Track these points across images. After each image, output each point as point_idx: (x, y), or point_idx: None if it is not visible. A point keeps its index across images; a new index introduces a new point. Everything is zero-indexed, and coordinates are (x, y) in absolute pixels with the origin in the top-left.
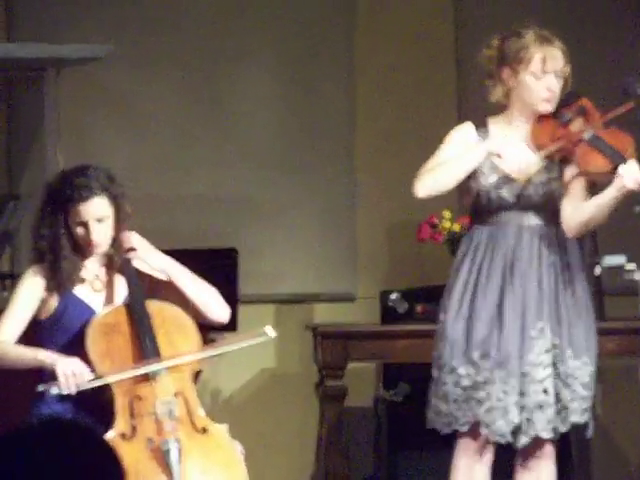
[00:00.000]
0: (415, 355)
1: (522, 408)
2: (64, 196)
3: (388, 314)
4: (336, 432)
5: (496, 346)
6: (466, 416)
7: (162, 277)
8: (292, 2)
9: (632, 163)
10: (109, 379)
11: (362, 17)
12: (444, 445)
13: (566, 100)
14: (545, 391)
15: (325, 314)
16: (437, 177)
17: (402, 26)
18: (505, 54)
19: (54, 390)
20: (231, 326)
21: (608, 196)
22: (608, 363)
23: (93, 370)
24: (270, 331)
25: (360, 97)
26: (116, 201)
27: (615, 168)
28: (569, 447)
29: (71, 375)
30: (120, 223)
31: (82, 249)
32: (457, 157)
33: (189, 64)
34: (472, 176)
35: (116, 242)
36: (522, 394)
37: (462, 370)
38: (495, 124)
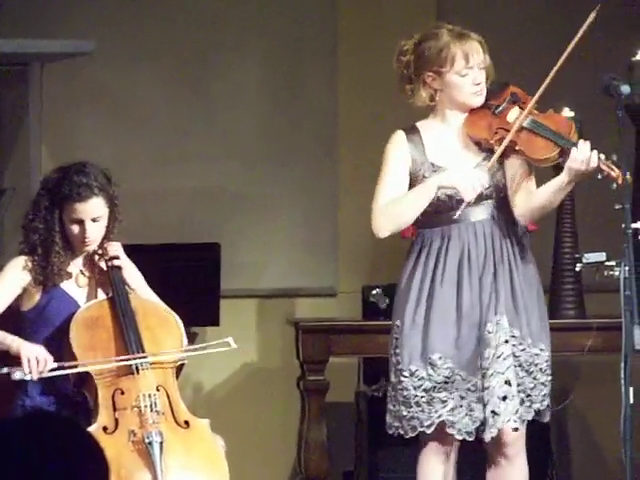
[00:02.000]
0: None
1: (486, 402)
2: (62, 193)
3: (370, 309)
4: (317, 427)
5: (454, 345)
6: (430, 418)
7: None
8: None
9: (581, 144)
10: (73, 368)
11: (346, 14)
12: None
13: (494, 90)
14: (507, 382)
15: (307, 309)
16: (395, 220)
17: (386, 22)
18: (425, 58)
19: (18, 374)
20: (213, 320)
21: (561, 181)
22: (589, 360)
23: (76, 361)
24: (232, 343)
25: (343, 93)
26: (112, 201)
27: (562, 151)
28: (549, 444)
29: (34, 361)
30: (112, 223)
31: (71, 245)
32: (409, 197)
33: (174, 59)
34: (416, 185)
35: (104, 241)
36: (485, 388)
37: (422, 372)
38: (426, 127)
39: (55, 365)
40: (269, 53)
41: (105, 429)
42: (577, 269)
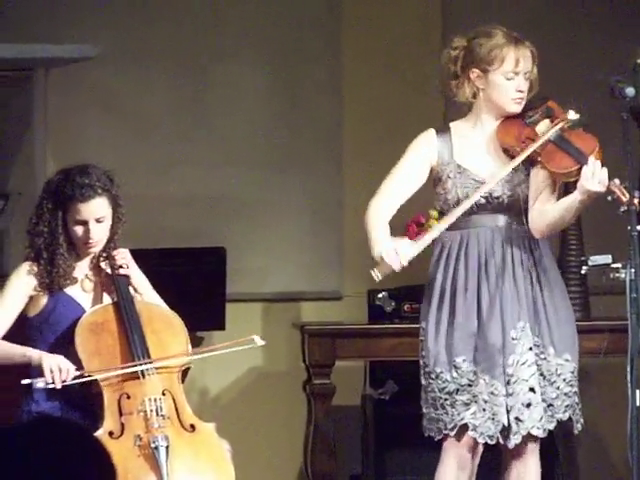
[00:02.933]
0: (402, 354)
1: (510, 409)
2: (65, 194)
3: (375, 313)
4: (324, 430)
5: (478, 350)
6: (453, 420)
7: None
8: (279, 2)
9: (593, 164)
10: (94, 376)
11: (348, 17)
12: (431, 444)
13: (533, 102)
14: (532, 389)
15: (313, 313)
16: (366, 222)
17: (389, 28)
18: (475, 54)
19: (40, 384)
20: (219, 325)
21: (573, 199)
22: (594, 362)
23: (82, 367)
24: (258, 340)
25: (347, 96)
26: (115, 202)
27: (580, 169)
28: (555, 444)
29: (57, 370)
30: (116, 224)
31: (76, 249)
32: (372, 235)
33: (177, 64)
34: (439, 184)
35: (109, 243)
36: (509, 395)
37: (446, 375)
38: (457, 128)
39: (78, 373)
40: (273, 59)
41: (111, 434)
42: (583, 272)
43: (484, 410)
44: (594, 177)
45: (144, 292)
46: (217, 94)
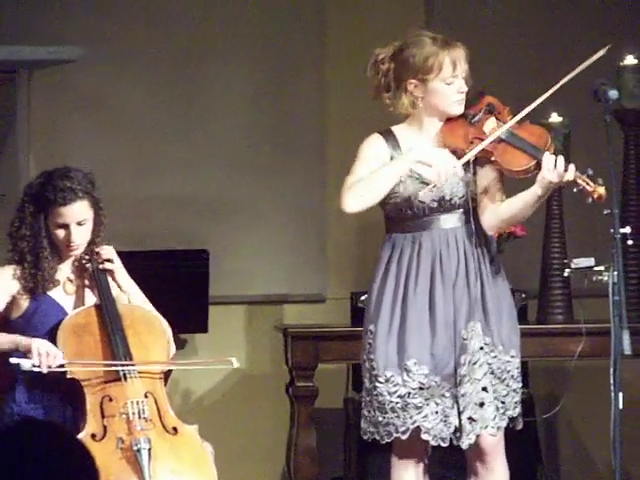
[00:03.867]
0: None
1: (463, 409)
2: (46, 198)
3: (358, 315)
4: (306, 433)
5: (430, 352)
6: (405, 424)
7: (123, 300)
8: (263, 4)
9: (549, 156)
10: (80, 368)
11: (333, 23)
12: None
13: (469, 99)
14: (484, 389)
15: (295, 315)
16: (364, 193)
17: (373, 33)
18: (409, 65)
19: (27, 365)
20: (202, 327)
21: (532, 193)
22: (578, 365)
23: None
24: (235, 362)
25: (331, 99)
26: (96, 204)
27: (538, 164)
28: (538, 447)
29: (44, 354)
30: (97, 227)
31: (58, 251)
32: (382, 170)
33: (161, 66)
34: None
35: (90, 245)
36: (461, 395)
37: (397, 378)
38: (402, 133)
39: (65, 362)
40: (257, 61)
41: (93, 436)
42: (566, 274)
43: (436, 413)
44: (555, 169)
45: (128, 290)
46: (202, 97)
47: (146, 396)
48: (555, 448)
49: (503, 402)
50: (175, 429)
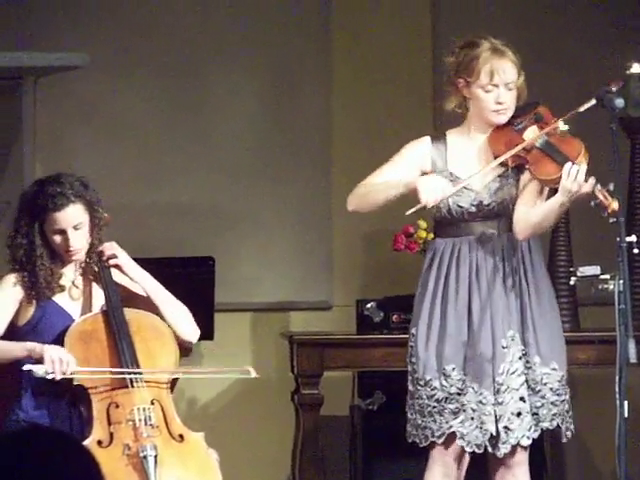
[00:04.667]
0: (391, 364)
1: (499, 418)
2: (40, 205)
3: (364, 323)
4: (312, 440)
5: (468, 358)
6: (441, 428)
7: (138, 290)
8: (269, 10)
9: (570, 165)
10: (93, 376)
11: (340, 29)
12: (419, 454)
13: (524, 108)
14: (522, 399)
15: (301, 322)
16: (362, 198)
17: (380, 39)
18: (459, 63)
19: (40, 371)
20: (208, 334)
21: (555, 201)
22: (583, 373)
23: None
24: (253, 372)
25: (337, 107)
26: (91, 207)
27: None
28: (543, 455)
29: (57, 361)
30: (95, 228)
31: (60, 257)
32: (385, 184)
33: (166, 73)
34: None
35: (92, 248)
36: (499, 404)
37: (435, 382)
38: (453, 136)
39: (77, 368)
40: (261, 68)
41: (100, 443)
42: (572, 282)
43: (472, 419)
44: (575, 180)
45: (140, 280)
46: (207, 105)
47: (152, 403)
48: (560, 455)
49: (536, 414)
50: (181, 436)
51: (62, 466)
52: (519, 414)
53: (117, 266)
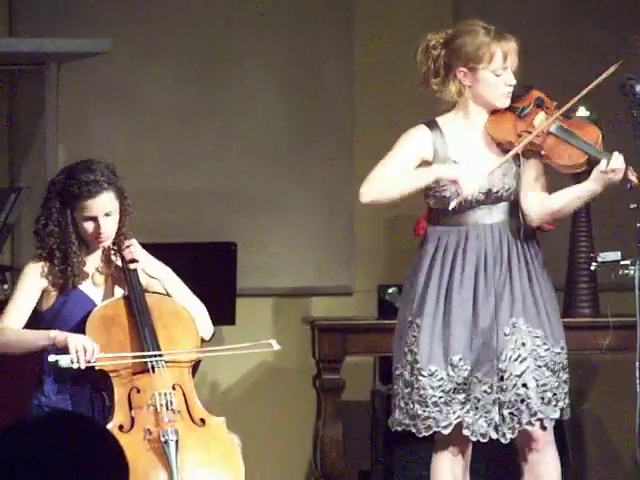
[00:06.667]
0: None
1: (503, 404)
2: (72, 193)
3: (385, 308)
4: (333, 425)
5: (472, 347)
6: (448, 418)
7: (157, 288)
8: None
9: (616, 155)
10: (115, 362)
11: (362, 17)
12: None
13: (517, 92)
14: (524, 385)
15: (323, 308)
16: (383, 190)
17: (402, 27)
18: (460, 53)
19: (65, 361)
20: (229, 319)
21: (585, 189)
22: (603, 358)
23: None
24: (275, 344)
25: (359, 92)
26: (121, 194)
27: (588, 160)
28: (564, 441)
29: (82, 350)
30: (124, 216)
31: (86, 244)
32: (407, 178)
33: (190, 58)
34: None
35: (119, 236)
36: (502, 390)
37: (442, 373)
38: (447, 124)
39: (101, 355)
40: (286, 53)
41: (121, 428)
42: (592, 268)
43: (477, 408)
44: (616, 167)
45: (160, 277)
46: (230, 90)
47: (174, 388)
48: (581, 441)
49: (555, 394)
50: (203, 421)
51: (86, 450)
52: (522, 400)
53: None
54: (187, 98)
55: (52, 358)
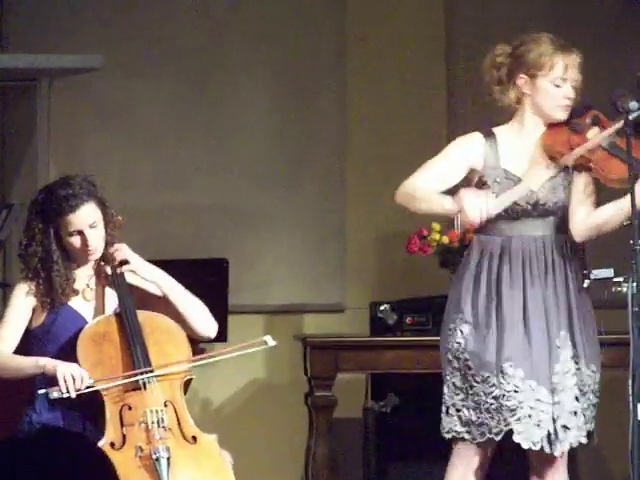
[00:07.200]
0: (404, 366)
1: (557, 417)
2: (53, 210)
3: (377, 325)
4: (325, 443)
5: (526, 356)
6: (498, 425)
7: (152, 290)
8: (286, 16)
9: None
10: (106, 385)
11: (355, 31)
12: (432, 456)
13: (576, 110)
14: (576, 398)
15: (314, 325)
16: (411, 202)
17: (394, 41)
18: (523, 60)
19: (55, 393)
20: (221, 337)
21: (629, 201)
22: None
23: None
24: (270, 340)
25: (352, 112)
26: (102, 204)
27: (637, 176)
28: None
29: (70, 379)
30: (108, 225)
31: (74, 259)
32: (435, 201)
33: (182, 74)
34: (483, 188)
35: (107, 247)
36: (555, 403)
37: (493, 380)
38: (502, 134)
39: (91, 381)
40: (278, 71)
41: (113, 445)
42: (585, 285)
43: (529, 416)
44: None
45: (155, 279)
46: (223, 106)
47: (165, 405)
48: (573, 458)
49: (584, 415)
50: (194, 438)
51: (77, 467)
52: (575, 413)
53: (130, 271)
54: (180, 114)
55: (42, 391)
